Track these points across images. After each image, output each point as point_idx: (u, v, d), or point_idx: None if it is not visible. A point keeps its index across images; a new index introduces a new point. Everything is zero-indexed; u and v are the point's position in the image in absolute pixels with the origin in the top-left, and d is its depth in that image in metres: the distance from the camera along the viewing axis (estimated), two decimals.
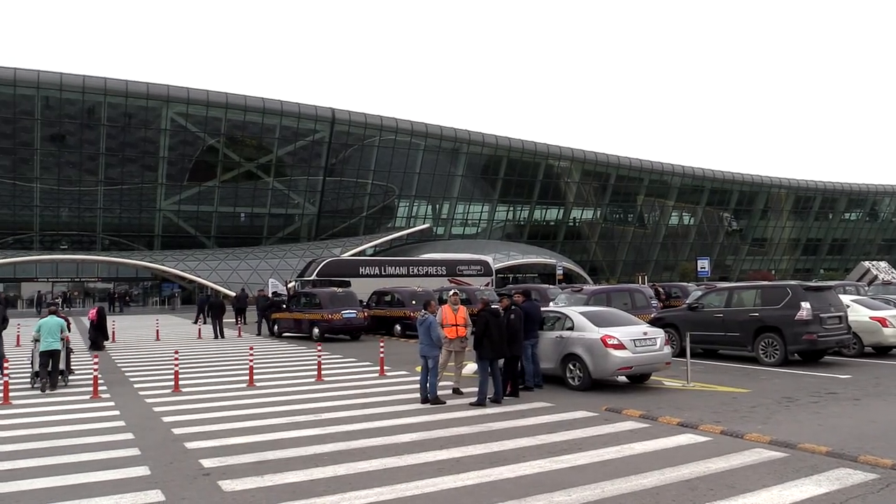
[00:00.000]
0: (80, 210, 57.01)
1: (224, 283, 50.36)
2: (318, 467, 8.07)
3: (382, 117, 62.59)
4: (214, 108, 56.25)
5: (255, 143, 59.89)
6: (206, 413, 11.39)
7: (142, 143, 55.84)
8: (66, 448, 9.11)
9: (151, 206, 58.24)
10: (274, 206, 62.27)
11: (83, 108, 53.54)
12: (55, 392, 13.80)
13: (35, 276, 55.67)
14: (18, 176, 53.67)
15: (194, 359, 18.95)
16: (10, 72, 50.06)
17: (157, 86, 54.37)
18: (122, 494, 7.15)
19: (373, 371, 16.07)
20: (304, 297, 25.99)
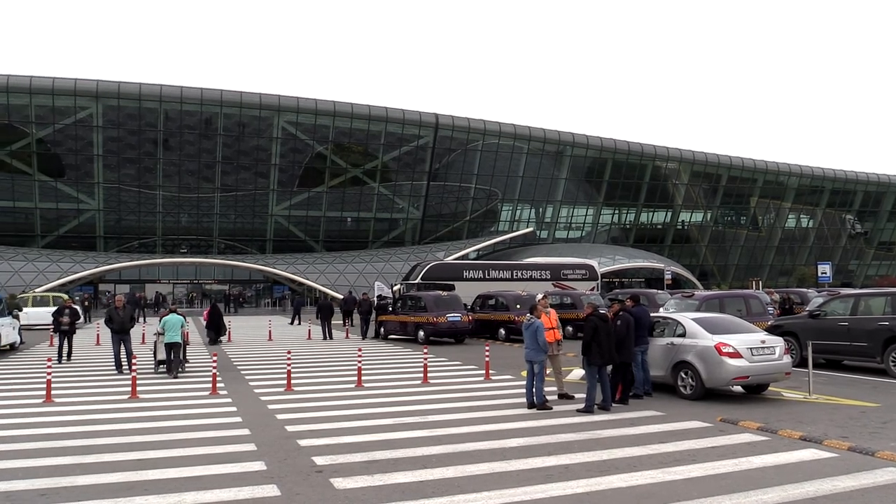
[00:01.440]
0: (199, 216, 60.07)
1: (332, 286, 51.78)
2: (426, 469, 8.12)
3: (486, 121, 62.77)
4: (323, 116, 58.04)
5: (361, 150, 61.34)
6: (318, 412, 11.70)
7: (255, 151, 58.27)
8: (187, 441, 9.56)
9: (264, 212, 60.63)
10: (379, 211, 63.53)
11: (201, 119, 56.46)
12: (177, 388, 14.54)
13: (158, 277, 59.06)
14: (143, 184, 57.11)
15: (305, 359, 19.53)
16: (135, 86, 53.38)
17: (268, 96, 56.63)
18: (241, 488, 7.42)
19: (478, 374, 16.08)
20: (409, 300, 26.36)
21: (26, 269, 48.24)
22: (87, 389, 14.45)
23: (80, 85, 52.35)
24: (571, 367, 14.49)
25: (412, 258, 53.22)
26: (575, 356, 14.71)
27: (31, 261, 49.61)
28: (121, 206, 57.89)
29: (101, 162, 55.19)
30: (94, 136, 54.38)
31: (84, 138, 54.50)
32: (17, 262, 49.00)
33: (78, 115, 53.52)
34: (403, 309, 25.79)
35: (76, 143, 54.55)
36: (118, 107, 53.94)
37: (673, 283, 54.59)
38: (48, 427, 10.58)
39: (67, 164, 55.61)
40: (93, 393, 13.97)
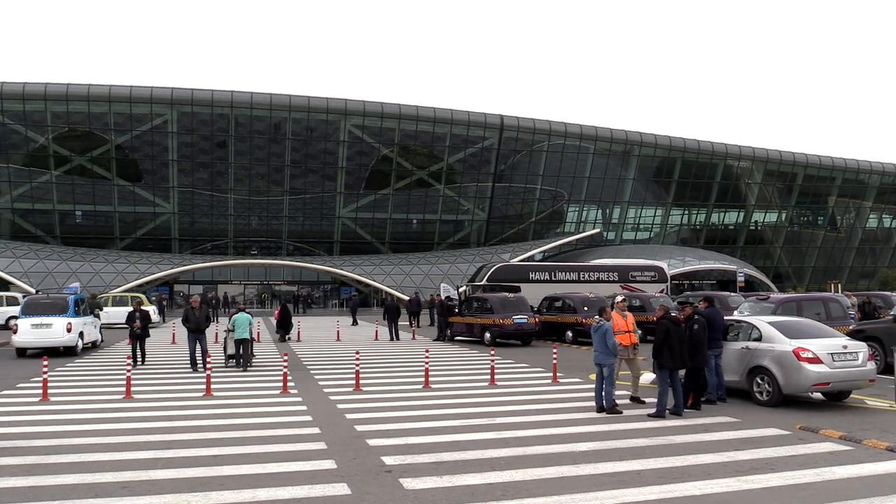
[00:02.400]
0: (268, 218, 61.45)
1: (398, 288, 52.21)
2: (495, 471, 8.09)
3: (551, 122, 62.29)
4: (388, 119, 58.63)
5: (426, 152, 61.69)
6: (386, 412, 11.79)
7: (322, 154, 59.28)
8: (260, 439, 9.77)
9: (331, 214, 61.60)
10: (445, 213, 63.75)
11: (270, 124, 57.76)
12: (249, 387, 14.87)
13: (229, 278, 60.65)
14: (215, 188, 58.77)
15: (372, 359, 19.73)
16: (207, 93, 54.98)
17: (335, 100, 57.54)
18: (312, 486, 7.54)
19: (545, 377, 15.95)
20: (475, 301, 26.34)
21: (106, 270, 50.23)
22: (164, 386, 14.93)
23: (155, 93, 54.24)
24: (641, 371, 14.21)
25: (477, 260, 53.22)
26: (644, 359, 14.42)
27: (110, 262, 51.62)
28: (194, 209, 59.69)
29: (176, 167, 57.05)
30: (169, 141, 56.25)
31: (159, 144, 56.44)
32: (97, 263, 51.07)
33: (154, 122, 55.45)
34: (469, 311, 25.79)
35: (152, 148, 56.53)
36: (191, 113, 55.67)
37: (746, 286, 53.00)
38: (129, 422, 10.97)
39: (144, 169, 57.68)
40: (169, 390, 14.42)
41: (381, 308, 53.48)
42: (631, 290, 32.38)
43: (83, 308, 22.85)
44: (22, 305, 23.16)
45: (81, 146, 55.43)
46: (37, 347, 20.91)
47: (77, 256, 51.68)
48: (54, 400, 13.00)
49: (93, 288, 44.82)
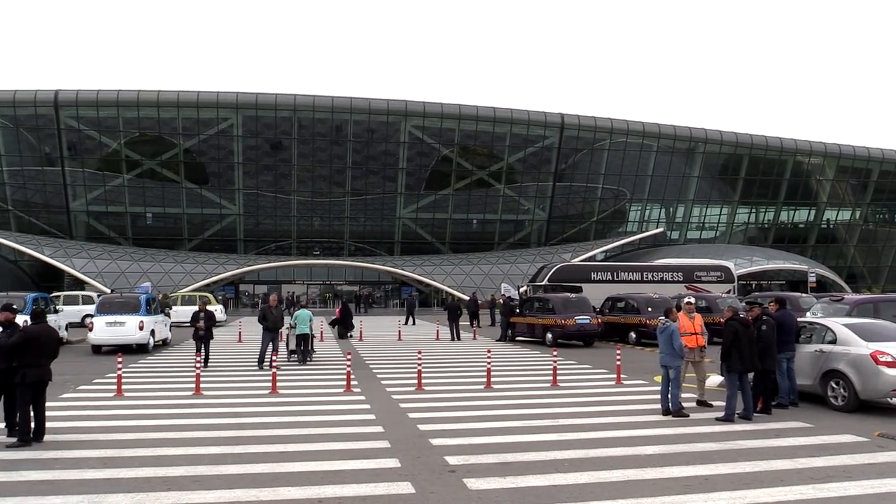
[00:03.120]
0: (330, 219, 62.35)
1: (458, 287, 52.30)
2: (559, 473, 8.02)
3: (612, 120, 61.45)
4: (448, 119, 58.79)
5: (486, 152, 61.63)
6: (448, 412, 11.81)
7: (383, 155, 59.84)
8: (325, 436, 9.91)
9: (392, 215, 62.12)
10: (505, 213, 63.56)
11: (332, 126, 58.61)
12: (314, 385, 15.10)
13: (293, 278, 61.80)
14: (279, 190, 59.93)
15: (434, 359, 19.80)
16: (271, 97, 56.10)
17: (395, 102, 58.01)
18: (377, 484, 7.61)
19: (609, 378, 15.74)
20: (537, 301, 26.18)
21: (175, 271, 51.78)
22: (231, 383, 15.28)
23: (221, 97, 55.62)
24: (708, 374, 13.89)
25: (538, 260, 52.89)
26: (711, 361, 14.08)
27: (179, 262, 53.20)
28: (259, 210, 60.99)
29: (241, 169, 58.40)
30: (235, 144, 57.63)
31: (225, 147, 57.86)
32: (166, 263, 52.68)
33: (220, 126, 56.89)
34: (531, 311, 25.65)
35: (218, 151, 58.00)
36: (256, 117, 56.91)
37: (817, 287, 51.29)
38: (198, 418, 11.27)
39: (211, 172, 59.23)
40: (237, 387, 14.75)
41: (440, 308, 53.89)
42: (696, 291, 31.70)
43: (154, 307, 23.59)
44: (97, 304, 24.04)
45: (151, 150, 57.26)
46: (111, 344, 21.67)
47: (147, 257, 53.41)
48: (128, 395, 13.45)
49: (162, 287, 46.25)
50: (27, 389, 9.45)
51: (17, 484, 7.61)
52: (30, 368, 9.48)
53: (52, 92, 53.58)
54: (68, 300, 33.84)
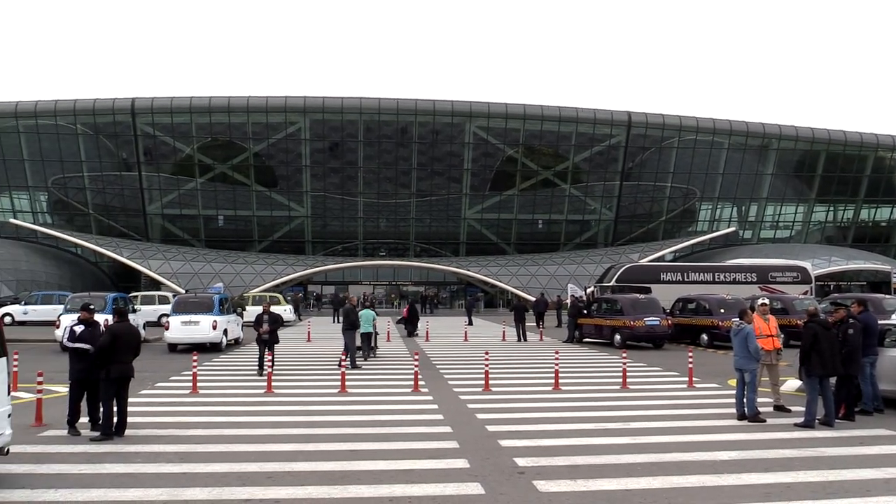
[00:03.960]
0: (396, 220, 62.91)
1: (523, 288, 52.01)
2: (631, 477, 7.86)
3: (681, 117, 60.10)
4: (513, 119, 58.56)
5: (551, 152, 61.14)
6: (516, 413, 11.74)
7: (448, 156, 60.02)
8: (394, 436, 9.96)
9: (457, 216, 62.25)
10: (571, 213, 62.93)
11: (397, 128, 59.12)
12: (382, 385, 15.22)
13: (359, 279, 62.60)
14: (345, 192, 60.79)
15: (501, 360, 19.72)
16: (337, 101, 56.91)
17: (460, 103, 58.10)
18: (446, 484, 7.60)
19: (680, 382, 15.37)
20: (605, 302, 25.80)
21: (246, 271, 53.07)
22: (301, 382, 15.54)
23: (289, 102, 56.74)
24: (786, 378, 13.42)
25: (605, 260, 52.15)
26: (788, 365, 13.61)
27: (249, 263, 54.52)
28: (326, 212, 61.98)
29: (309, 172, 59.47)
30: (303, 148, 58.72)
31: (293, 150, 59.02)
32: (238, 264, 54.05)
33: (288, 130, 58.06)
34: (599, 312, 25.30)
35: (287, 155, 59.21)
36: (323, 120, 57.87)
37: None
38: (270, 416, 11.49)
39: (280, 175, 60.50)
40: (307, 386, 15.00)
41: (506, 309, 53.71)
42: (771, 292, 30.68)
43: (227, 307, 24.21)
44: (173, 304, 24.83)
45: (223, 155, 58.86)
46: (186, 343, 22.32)
47: (220, 258, 54.91)
48: (203, 393, 13.81)
49: (234, 288, 47.43)
50: (111, 385, 9.83)
51: (101, 476, 7.90)
52: (113, 365, 9.85)
53: (128, 100, 55.64)
54: (145, 300, 35.04)
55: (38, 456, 8.75)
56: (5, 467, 8.10)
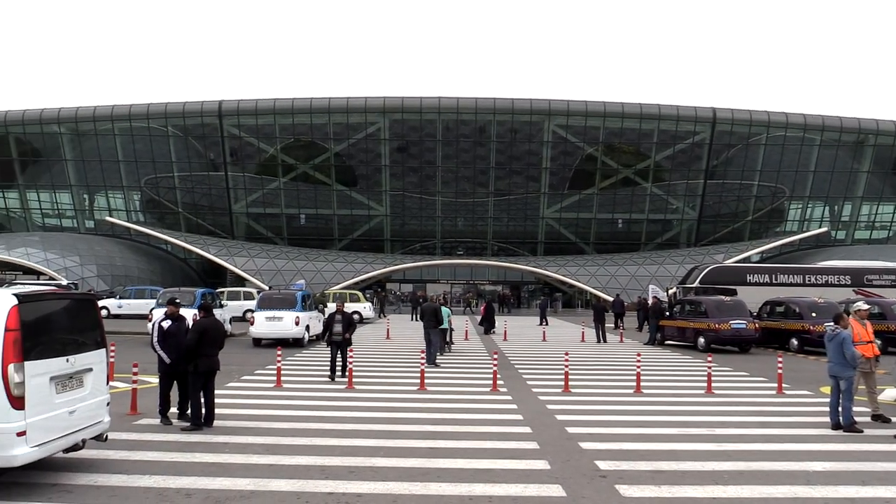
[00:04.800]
0: (474, 219, 62.96)
1: (602, 289, 51.24)
2: (717, 485, 7.61)
3: (769, 113, 57.89)
4: (592, 117, 57.71)
5: (632, 149, 59.98)
6: (597, 415, 11.55)
7: (526, 155, 59.66)
8: (473, 434, 9.95)
9: (535, 215, 61.83)
10: (652, 212, 61.60)
11: (475, 128, 59.12)
12: (460, 383, 15.24)
13: (437, 277, 62.96)
14: (424, 191, 61.23)
15: (580, 361, 19.47)
16: (416, 100, 57.35)
17: (539, 101, 57.63)
18: (526, 485, 7.54)
19: (769, 388, 14.81)
20: (688, 304, 25.12)
21: (326, 269, 54.15)
22: (382, 378, 15.72)
23: (369, 102, 57.55)
24: (884, 387, 12.76)
25: (688, 261, 50.80)
26: (887, 374, 12.92)
27: (330, 261, 55.60)
28: (404, 211, 62.59)
29: (388, 171, 60.18)
30: (382, 148, 59.47)
31: (373, 150, 59.84)
32: (319, 262, 55.21)
33: (368, 130, 58.91)
34: (682, 314, 24.65)
35: (366, 155, 60.08)
36: (402, 120, 58.45)
37: None
38: (352, 411, 11.67)
39: (359, 175, 61.45)
40: (387, 382, 15.15)
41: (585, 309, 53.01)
42: (867, 296, 29.19)
43: (309, 303, 24.75)
44: (257, 300, 25.55)
45: (305, 155, 60.22)
46: (269, 338, 22.94)
47: (301, 256, 56.21)
48: (287, 386, 14.14)
49: (315, 285, 48.42)
50: (199, 378, 10.18)
51: (191, 464, 8.19)
52: (201, 358, 10.20)
53: (216, 102, 57.57)
54: (231, 296, 36.21)
55: (133, 443, 9.15)
56: (104, 453, 8.50)
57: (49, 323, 7.58)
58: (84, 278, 47.29)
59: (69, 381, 7.50)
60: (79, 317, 8.10)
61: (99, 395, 8.06)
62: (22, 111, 58.12)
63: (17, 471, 7.29)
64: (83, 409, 7.67)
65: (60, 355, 7.38)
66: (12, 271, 49.07)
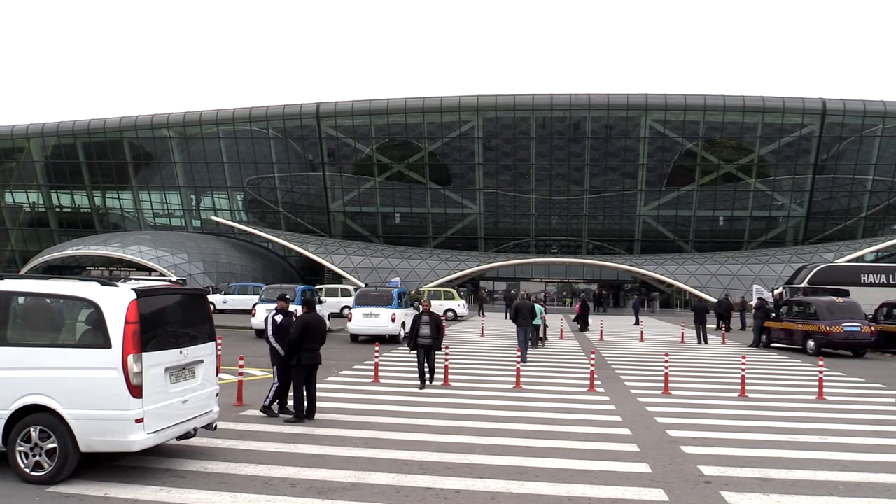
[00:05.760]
0: (568, 217, 62.19)
1: (702, 288, 49.63)
2: (833, 496, 7.22)
3: (886, 102, 54.48)
4: (692, 111, 55.89)
5: (734, 144, 57.76)
6: (699, 419, 11.17)
7: (622, 152, 58.44)
8: (570, 434, 9.81)
9: (631, 212, 60.51)
10: (756, 209, 59.16)
11: (569, 124, 58.33)
12: (556, 382, 15.06)
13: (531, 276, 62.56)
14: (518, 189, 60.93)
15: (680, 362, 18.91)
16: (510, 98, 57.10)
17: (635, 96, 56.31)
18: (627, 488, 7.37)
19: (887, 395, 13.92)
20: (796, 305, 23.97)
21: (420, 267, 54.75)
22: (477, 376, 15.75)
23: (463, 101, 57.76)
24: None
25: (794, 260, 48.57)
26: None
27: (424, 259, 56.18)
28: (498, 209, 62.49)
29: (482, 170, 60.23)
30: (476, 146, 59.56)
31: (466, 149, 60.02)
32: (413, 260, 55.88)
33: (462, 129, 59.13)
34: (789, 315, 23.54)
35: (460, 153, 60.33)
36: (495, 118, 58.34)
37: None
38: (447, 408, 11.72)
39: (453, 173, 61.77)
40: (482, 380, 15.17)
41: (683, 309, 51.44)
42: None
43: (404, 301, 25.06)
44: (355, 297, 26.06)
45: (400, 154, 61.05)
46: (367, 334, 23.36)
47: (396, 254, 57.05)
48: (384, 382, 14.36)
49: (409, 283, 49.04)
50: (301, 371, 10.47)
51: (294, 455, 8.43)
52: (303, 353, 10.49)
53: (314, 105, 59.15)
54: (329, 292, 37.14)
55: (239, 433, 9.50)
56: (213, 441, 8.87)
57: (164, 316, 7.97)
58: (191, 275, 49.58)
59: (182, 372, 7.86)
60: (191, 311, 8.47)
61: (209, 385, 8.42)
62: (135, 117, 61.53)
63: (134, 456, 7.72)
64: (195, 399, 8.02)
65: (174, 347, 7.75)
66: (126, 268, 52.00)
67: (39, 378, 7.12)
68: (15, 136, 63.26)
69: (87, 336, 7.32)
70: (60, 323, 7.72)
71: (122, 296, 7.26)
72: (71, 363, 7.13)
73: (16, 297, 7.58)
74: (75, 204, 66.48)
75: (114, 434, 7.05)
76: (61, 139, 62.96)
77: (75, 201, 66.39)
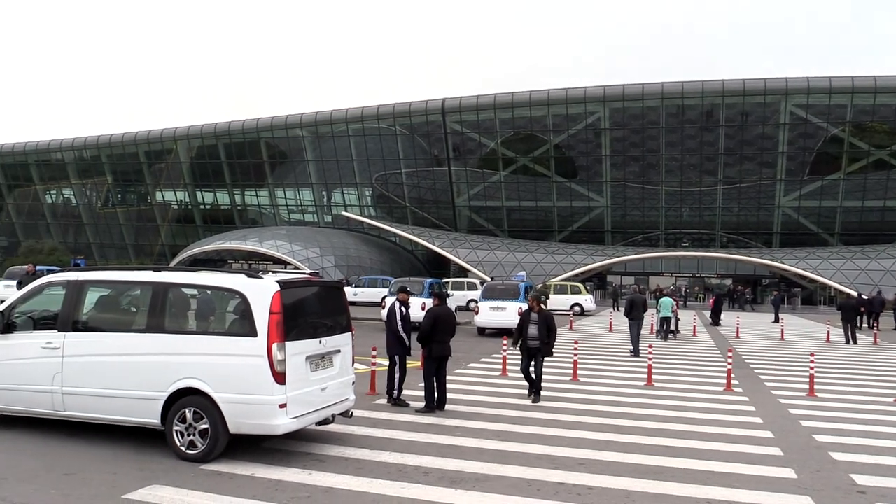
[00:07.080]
0: (700, 209, 59.75)
1: (850, 284, 46.28)
2: None
3: None
4: (838, 94, 52.21)
5: (886, 129, 53.47)
6: (849, 423, 10.45)
7: (759, 139, 55.48)
8: (707, 435, 9.44)
9: (769, 203, 57.36)
10: None
11: (702, 112, 55.93)
12: (690, 381, 14.55)
13: (660, 270, 60.59)
14: (646, 181, 59.15)
15: (827, 363, 17.78)
16: (638, 88, 55.45)
17: (774, 80, 53.23)
18: (770, 493, 7.02)
19: None
20: None
21: (546, 261, 54.26)
22: (606, 372, 15.46)
23: (589, 92, 56.66)
24: None
25: None
26: None
27: (550, 253, 55.64)
28: (626, 202, 60.94)
29: (609, 161, 58.88)
30: (602, 138, 58.31)
31: (593, 141, 58.87)
32: (538, 254, 55.48)
33: (588, 120, 58.04)
34: None
35: (586, 145, 59.26)
36: (623, 108, 56.86)
37: None
38: (577, 403, 11.58)
39: (579, 166, 60.78)
40: (612, 376, 14.87)
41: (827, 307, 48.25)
42: None
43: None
44: (482, 290, 26.17)
45: (524, 148, 60.73)
46: (493, 328, 23.42)
47: (521, 248, 56.82)
48: (511, 376, 14.35)
49: (535, 277, 48.75)
50: (431, 363, 10.66)
51: (427, 445, 8.59)
52: (434, 344, 10.67)
53: (439, 101, 59.88)
54: (455, 286, 37.55)
55: (373, 421, 9.79)
56: (349, 428, 9.19)
57: (304, 307, 8.33)
58: (324, 268, 51.53)
59: (321, 361, 8.19)
60: (329, 302, 8.82)
61: (346, 374, 8.73)
62: (270, 118, 64.67)
63: (277, 439, 8.12)
64: (333, 386, 8.34)
65: (314, 337, 8.09)
66: (264, 261, 54.79)
67: (193, 363, 7.62)
68: (164, 139, 68.09)
69: (235, 325, 7.76)
70: (211, 312, 8.24)
71: (267, 287, 7.64)
72: (221, 350, 7.58)
73: (172, 288, 8.14)
74: (217, 201, 70.79)
75: (259, 417, 7.44)
76: (205, 140, 67.18)
77: (217, 199, 70.70)
